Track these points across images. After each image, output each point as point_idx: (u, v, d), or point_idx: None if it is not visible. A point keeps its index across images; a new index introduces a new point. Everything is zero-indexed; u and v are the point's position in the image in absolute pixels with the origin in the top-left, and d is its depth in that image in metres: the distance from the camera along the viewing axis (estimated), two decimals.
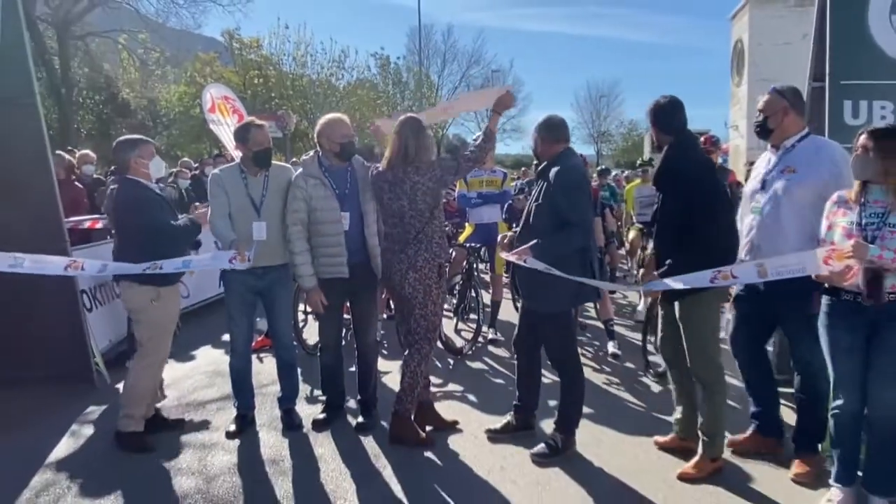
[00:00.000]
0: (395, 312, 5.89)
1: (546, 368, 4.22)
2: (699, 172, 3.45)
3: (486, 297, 6.76)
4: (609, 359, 5.81)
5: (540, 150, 3.90)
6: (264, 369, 5.43)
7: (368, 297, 4.37)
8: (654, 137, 3.72)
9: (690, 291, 3.37)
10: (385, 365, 5.40)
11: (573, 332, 4.00)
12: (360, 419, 4.32)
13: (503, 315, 6.66)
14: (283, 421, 4.37)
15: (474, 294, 6.36)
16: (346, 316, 4.66)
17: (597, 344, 6.34)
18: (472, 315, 6.45)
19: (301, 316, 6.02)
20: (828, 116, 3.97)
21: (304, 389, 4.81)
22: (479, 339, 6.19)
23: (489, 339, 6.33)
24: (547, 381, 4.40)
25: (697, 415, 3.66)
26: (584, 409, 3.97)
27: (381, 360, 5.06)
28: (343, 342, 4.65)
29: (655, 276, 3.50)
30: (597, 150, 51.44)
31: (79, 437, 4.30)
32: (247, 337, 4.37)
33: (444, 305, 4.86)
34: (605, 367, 5.62)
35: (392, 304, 6.17)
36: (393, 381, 4.79)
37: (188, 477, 3.69)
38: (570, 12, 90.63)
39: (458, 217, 7.67)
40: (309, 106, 28.82)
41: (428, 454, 3.90)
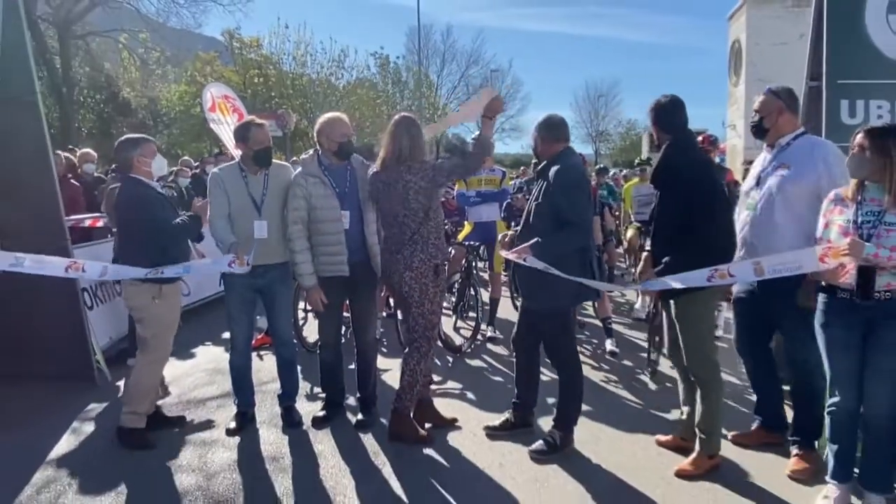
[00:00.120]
0: (395, 311, 5.93)
1: (545, 366, 4.23)
2: (697, 171, 3.46)
3: (485, 295, 6.78)
4: (607, 356, 5.83)
5: (540, 150, 3.90)
6: (264, 367, 5.45)
7: (368, 295, 4.38)
8: (654, 136, 3.74)
9: (687, 290, 3.38)
10: (384, 363, 5.42)
11: (573, 331, 4.01)
12: (359, 416, 4.34)
13: (502, 313, 6.68)
14: (283, 418, 4.39)
15: (473, 292, 6.38)
16: (346, 314, 4.68)
17: (595, 342, 6.37)
18: (471, 313, 6.47)
19: (301, 314, 6.04)
20: (825, 115, 4.00)
21: (303, 387, 4.83)
22: (478, 336, 6.20)
23: (488, 336, 6.35)
24: (545, 379, 4.42)
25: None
26: (583, 407, 3.98)
27: (380, 358, 5.08)
28: (343, 340, 4.66)
29: (653, 275, 3.52)
30: (595, 149, 51.51)
31: (79, 434, 4.32)
32: (247, 335, 4.38)
33: (444, 304, 4.88)
34: (603, 364, 5.65)
35: (392, 302, 6.20)
36: (392, 379, 4.82)
37: (188, 473, 3.71)
38: (569, 12, 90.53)
39: (457, 215, 7.69)
40: (309, 105, 28.82)
41: (427, 451, 3.92)
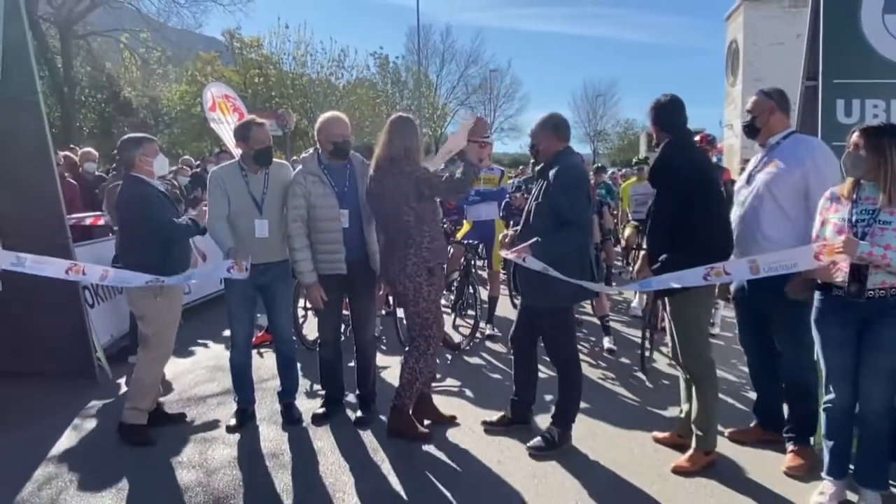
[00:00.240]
0: (394, 308, 5.95)
1: (543, 364, 4.26)
2: (695, 170, 3.47)
3: (484, 294, 6.80)
4: (605, 354, 5.86)
5: (540, 149, 3.90)
6: (264, 364, 5.47)
7: (367, 293, 4.40)
8: (653, 135, 3.76)
9: (682, 287, 3.39)
10: (383, 360, 5.44)
11: (572, 329, 4.02)
12: (358, 413, 4.36)
13: (500, 311, 6.71)
14: (282, 415, 4.41)
15: (472, 290, 6.41)
16: (346, 312, 4.70)
17: (593, 339, 6.39)
18: (470, 311, 6.50)
19: (301, 312, 6.06)
20: (821, 115, 4.01)
21: (303, 384, 4.85)
22: (477, 334, 6.23)
23: (486, 334, 6.38)
24: (543, 377, 4.45)
25: None
26: (580, 404, 4.01)
27: (379, 356, 5.10)
28: (342, 337, 4.68)
29: (650, 274, 3.53)
30: (593, 148, 51.59)
31: (80, 431, 4.34)
32: (247, 332, 4.40)
33: (443, 302, 4.90)
34: (600, 362, 5.67)
35: (391, 300, 6.22)
36: (392, 376, 4.84)
37: (189, 470, 3.74)
38: (568, 12, 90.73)
39: (456, 214, 7.72)
40: (309, 105, 28.88)
41: (426, 448, 3.94)
